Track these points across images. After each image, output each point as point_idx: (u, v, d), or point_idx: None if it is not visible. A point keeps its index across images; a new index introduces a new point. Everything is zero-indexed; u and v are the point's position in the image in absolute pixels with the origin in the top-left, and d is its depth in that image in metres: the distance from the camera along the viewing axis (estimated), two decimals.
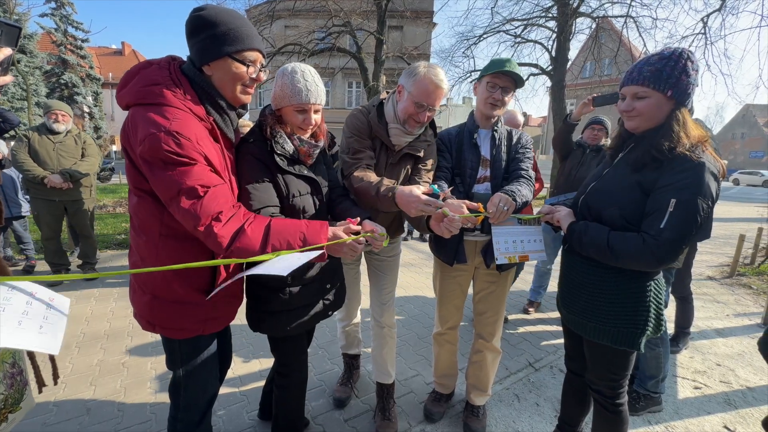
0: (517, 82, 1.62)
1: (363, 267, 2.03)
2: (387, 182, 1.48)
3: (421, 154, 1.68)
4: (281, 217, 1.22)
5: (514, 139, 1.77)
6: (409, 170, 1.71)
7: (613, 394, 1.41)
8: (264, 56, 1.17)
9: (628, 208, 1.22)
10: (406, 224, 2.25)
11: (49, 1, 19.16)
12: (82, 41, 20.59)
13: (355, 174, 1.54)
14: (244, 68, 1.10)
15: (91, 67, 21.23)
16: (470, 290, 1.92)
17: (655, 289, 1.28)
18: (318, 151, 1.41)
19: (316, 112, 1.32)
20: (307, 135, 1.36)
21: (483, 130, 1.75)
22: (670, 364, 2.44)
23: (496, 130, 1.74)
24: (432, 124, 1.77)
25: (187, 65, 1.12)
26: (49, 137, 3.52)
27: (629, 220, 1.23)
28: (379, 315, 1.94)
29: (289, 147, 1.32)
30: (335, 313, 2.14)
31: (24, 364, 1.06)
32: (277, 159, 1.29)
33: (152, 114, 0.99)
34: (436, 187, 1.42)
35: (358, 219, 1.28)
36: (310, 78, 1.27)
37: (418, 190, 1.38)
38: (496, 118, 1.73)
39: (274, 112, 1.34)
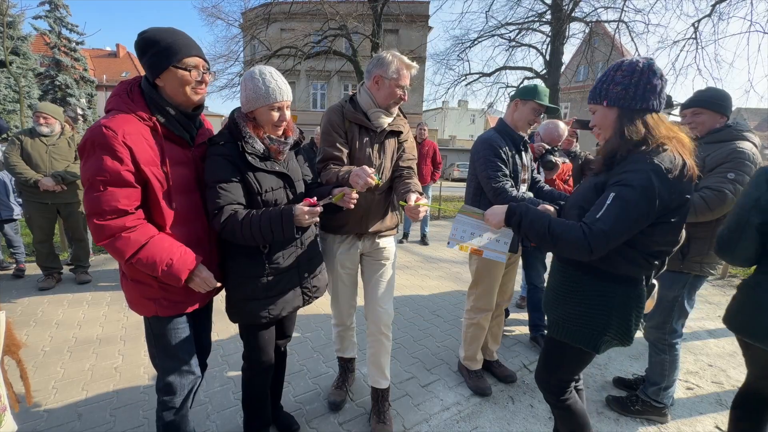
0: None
1: (358, 269, 2.02)
2: (345, 169, 1.66)
3: (403, 130, 1.88)
4: (170, 237, 1.27)
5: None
6: (395, 147, 1.87)
7: (558, 392, 1.48)
8: (205, 60, 1.32)
9: (586, 208, 1.27)
10: (401, 226, 2.25)
11: (44, 3, 19.05)
12: (77, 43, 20.45)
13: (323, 173, 1.75)
14: (186, 73, 1.25)
15: (85, 69, 21.08)
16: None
17: (621, 298, 1.28)
18: (287, 147, 1.50)
19: (287, 108, 1.44)
20: (279, 133, 1.46)
21: None
22: None
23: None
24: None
25: (143, 80, 1.30)
26: (41, 140, 3.48)
27: None
28: (374, 319, 1.94)
29: (259, 146, 1.41)
30: (331, 317, 2.14)
31: (2, 389, 1.05)
32: (249, 158, 1.37)
33: (102, 119, 1.18)
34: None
35: (315, 198, 1.41)
36: (278, 77, 1.39)
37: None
38: None
39: (246, 115, 1.41)
